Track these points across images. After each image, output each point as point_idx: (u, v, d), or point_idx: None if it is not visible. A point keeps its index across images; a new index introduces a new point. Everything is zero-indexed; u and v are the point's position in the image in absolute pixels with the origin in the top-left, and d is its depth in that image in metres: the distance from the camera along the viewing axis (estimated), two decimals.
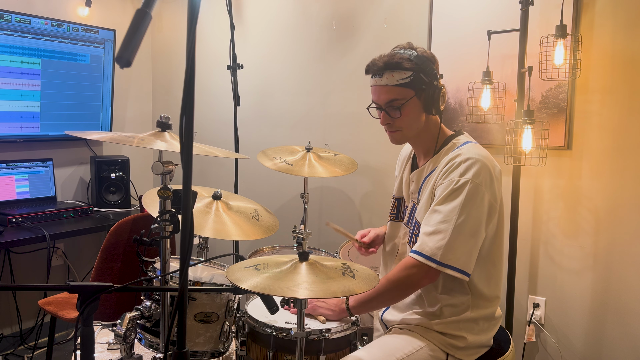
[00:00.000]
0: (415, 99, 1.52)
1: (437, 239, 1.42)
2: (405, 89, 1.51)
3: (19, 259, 2.88)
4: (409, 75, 1.50)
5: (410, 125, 1.55)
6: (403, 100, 1.51)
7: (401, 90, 1.51)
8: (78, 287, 1.07)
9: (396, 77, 1.50)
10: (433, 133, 1.59)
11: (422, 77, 1.50)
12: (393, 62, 1.50)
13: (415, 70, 1.50)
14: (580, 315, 2.11)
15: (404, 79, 1.50)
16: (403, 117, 1.53)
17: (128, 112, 3.46)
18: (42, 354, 2.86)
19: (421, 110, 1.54)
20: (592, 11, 2.00)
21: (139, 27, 0.78)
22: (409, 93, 1.51)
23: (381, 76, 1.52)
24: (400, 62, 1.50)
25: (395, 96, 1.52)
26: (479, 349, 1.55)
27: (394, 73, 1.50)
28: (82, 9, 3.07)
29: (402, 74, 1.50)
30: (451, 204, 1.43)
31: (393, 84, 1.51)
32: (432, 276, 1.46)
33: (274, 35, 2.94)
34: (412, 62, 1.50)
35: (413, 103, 1.52)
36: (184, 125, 0.86)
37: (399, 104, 1.52)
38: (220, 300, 1.50)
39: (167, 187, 1.32)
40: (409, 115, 1.53)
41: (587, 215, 2.07)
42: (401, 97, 1.51)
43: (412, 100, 1.52)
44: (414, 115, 1.53)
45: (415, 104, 1.52)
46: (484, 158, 1.47)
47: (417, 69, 1.50)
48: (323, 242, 2.82)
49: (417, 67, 1.50)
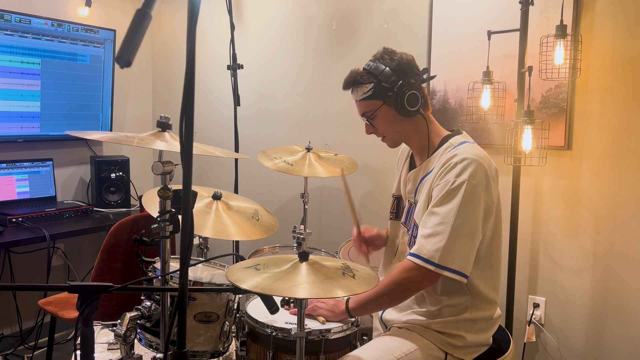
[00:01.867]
0: (384, 107, 1.56)
1: (435, 241, 1.42)
2: (371, 101, 1.57)
3: (19, 259, 2.88)
4: (370, 88, 1.55)
5: (389, 131, 1.61)
6: (372, 112, 1.58)
7: (368, 103, 1.58)
8: (78, 287, 1.07)
9: (360, 92, 1.57)
10: (423, 132, 1.60)
11: (383, 86, 1.54)
12: (352, 81, 1.57)
13: (375, 82, 1.54)
14: (580, 315, 2.11)
15: (365, 92, 1.56)
16: (379, 125, 1.60)
17: (128, 112, 3.46)
18: (42, 354, 2.87)
19: (397, 116, 1.56)
20: (592, 11, 2.00)
21: (139, 27, 0.78)
22: (376, 104, 1.57)
23: (352, 92, 1.60)
24: (358, 79, 1.57)
25: (364, 109, 1.60)
26: (477, 348, 1.55)
27: (357, 89, 1.57)
28: (82, 9, 3.07)
29: (364, 88, 1.56)
30: (448, 205, 1.43)
31: (360, 98, 1.58)
32: (432, 279, 1.46)
33: (274, 35, 2.94)
34: (369, 75, 1.55)
35: (384, 111, 1.57)
36: (184, 125, 0.86)
37: (371, 115, 1.59)
38: (220, 300, 1.50)
39: (167, 187, 1.32)
40: (384, 123, 1.59)
41: (587, 215, 2.07)
42: (369, 109, 1.58)
43: (382, 109, 1.56)
44: (389, 122, 1.58)
45: (386, 112, 1.57)
46: (480, 158, 1.46)
47: (376, 79, 1.54)
48: (323, 242, 2.82)
49: (374, 78, 1.54)
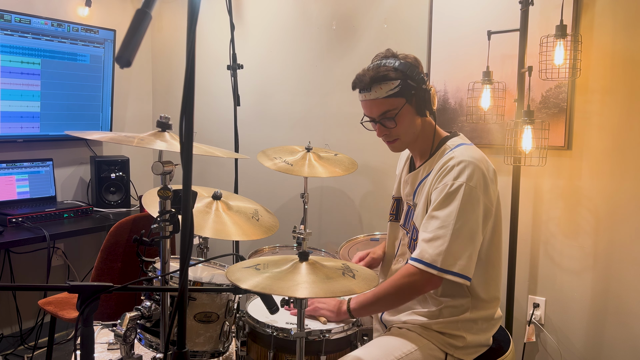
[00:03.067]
0: (407, 106, 1.52)
1: (437, 245, 1.42)
2: (396, 98, 1.51)
3: (19, 259, 2.88)
4: (397, 84, 1.50)
5: (406, 132, 1.56)
6: (396, 110, 1.51)
7: (392, 100, 1.51)
8: (78, 287, 1.07)
9: (385, 89, 1.50)
10: (429, 135, 1.59)
11: (409, 83, 1.50)
12: (379, 76, 1.49)
13: (402, 79, 1.50)
14: (580, 315, 2.11)
15: (392, 89, 1.50)
16: (399, 126, 1.54)
17: (128, 112, 3.46)
18: (42, 354, 2.86)
19: (415, 115, 1.54)
20: (592, 11, 1.99)
21: (139, 27, 0.78)
22: (400, 102, 1.51)
23: (369, 90, 1.52)
24: (386, 74, 1.49)
25: (387, 108, 1.52)
26: (478, 348, 1.55)
27: (381, 85, 1.50)
28: (82, 9, 3.07)
29: (390, 85, 1.49)
30: (447, 208, 1.43)
31: (383, 96, 1.50)
32: (435, 283, 1.45)
33: (273, 35, 2.94)
34: (397, 71, 1.50)
35: (406, 110, 1.52)
36: (184, 125, 0.86)
37: (393, 114, 1.52)
38: (220, 300, 1.50)
39: (167, 187, 1.32)
40: (404, 123, 1.54)
41: (587, 215, 2.07)
42: (393, 107, 1.51)
43: (405, 107, 1.52)
44: (408, 121, 1.54)
45: (408, 111, 1.53)
46: (476, 160, 1.46)
47: (404, 76, 1.50)
48: (323, 242, 2.82)
49: (403, 74, 1.50)
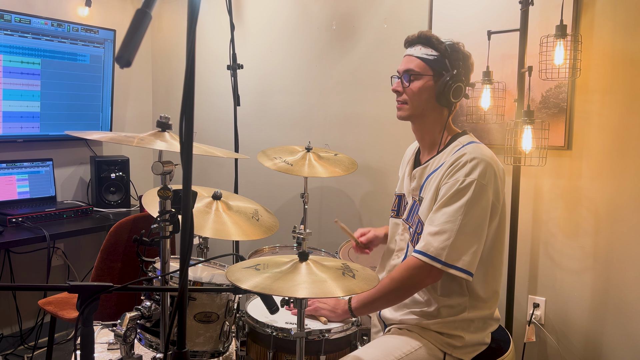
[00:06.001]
0: (430, 80, 1.54)
1: (442, 239, 1.42)
2: (425, 65, 1.54)
3: (19, 259, 2.88)
4: (435, 55, 1.53)
5: (413, 101, 1.56)
6: (418, 74, 1.54)
7: (421, 64, 1.55)
8: (78, 287, 1.07)
9: (423, 51, 1.55)
10: (439, 125, 1.59)
11: (445, 63, 1.52)
12: (426, 37, 1.55)
13: (441, 53, 1.53)
14: (580, 315, 2.11)
15: (428, 55, 1.54)
16: (411, 88, 1.56)
17: (128, 112, 3.46)
18: (42, 354, 2.86)
19: (432, 94, 1.55)
20: (592, 11, 1.99)
21: (139, 27, 0.78)
22: (427, 71, 1.54)
23: (413, 46, 1.57)
24: (432, 40, 1.54)
25: (413, 67, 1.55)
26: (476, 347, 1.55)
27: (422, 47, 1.55)
28: (82, 9, 3.07)
29: (429, 51, 1.54)
30: (456, 204, 1.43)
31: (417, 55, 1.56)
32: (435, 276, 1.46)
33: (273, 35, 2.94)
34: (442, 45, 1.53)
35: (426, 81, 1.54)
36: (184, 125, 0.86)
37: (413, 74, 1.55)
38: (220, 300, 1.50)
39: (167, 187, 1.32)
40: (416, 90, 1.55)
41: (587, 215, 2.07)
42: (418, 69, 1.55)
43: (426, 78, 1.54)
44: (422, 93, 1.55)
45: (427, 84, 1.54)
46: (488, 158, 1.47)
47: (445, 53, 1.53)
48: (323, 242, 2.82)
49: (445, 51, 1.53)
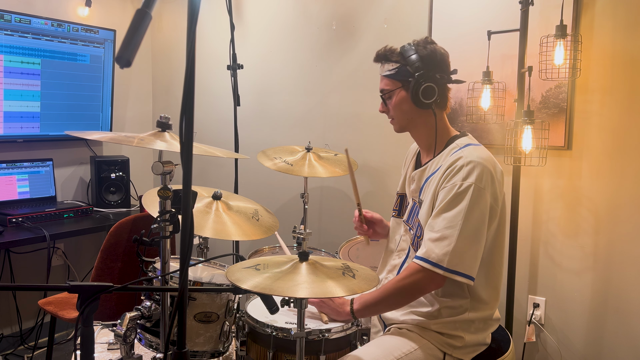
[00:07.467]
0: (401, 91, 1.57)
1: (443, 245, 1.42)
2: (392, 80, 1.58)
3: (19, 259, 2.88)
4: (395, 67, 1.56)
5: (397, 115, 1.61)
6: (389, 91, 1.59)
7: (389, 81, 1.59)
8: (78, 287, 1.07)
9: (386, 68, 1.59)
10: (431, 128, 1.59)
11: (407, 70, 1.54)
12: (382, 55, 1.60)
13: (401, 63, 1.55)
14: (580, 315, 2.11)
15: (390, 70, 1.58)
16: (392, 106, 1.60)
17: (128, 112, 3.46)
18: (42, 354, 2.86)
19: (410, 103, 1.56)
20: (592, 11, 1.99)
21: (139, 27, 0.78)
22: (395, 84, 1.58)
23: (380, 66, 1.62)
24: (387, 55, 1.58)
25: (383, 86, 1.61)
26: (476, 347, 1.55)
27: (384, 64, 1.59)
28: (82, 9, 3.07)
29: (390, 65, 1.58)
30: (455, 209, 1.43)
31: (383, 74, 1.60)
32: (439, 282, 1.45)
33: (273, 35, 2.94)
34: (399, 55, 1.56)
35: (399, 94, 1.57)
36: (184, 125, 0.86)
37: (387, 94, 1.60)
38: (220, 300, 1.50)
39: (167, 187, 1.32)
40: (396, 106, 1.59)
41: (587, 215, 2.07)
42: (388, 87, 1.59)
43: (398, 91, 1.57)
44: (401, 106, 1.58)
45: (401, 96, 1.57)
46: (485, 161, 1.46)
47: (403, 62, 1.55)
48: (323, 242, 2.82)
49: (402, 59, 1.55)
